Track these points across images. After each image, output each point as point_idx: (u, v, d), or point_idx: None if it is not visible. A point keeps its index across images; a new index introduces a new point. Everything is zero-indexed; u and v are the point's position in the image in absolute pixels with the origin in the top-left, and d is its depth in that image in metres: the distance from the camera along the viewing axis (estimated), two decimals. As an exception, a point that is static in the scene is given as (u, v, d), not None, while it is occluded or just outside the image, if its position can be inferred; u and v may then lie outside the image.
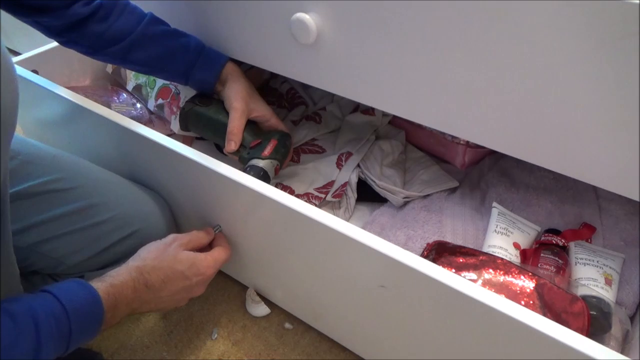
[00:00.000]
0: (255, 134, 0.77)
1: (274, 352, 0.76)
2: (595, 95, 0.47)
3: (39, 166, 0.69)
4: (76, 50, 0.72)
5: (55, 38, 0.70)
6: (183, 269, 0.61)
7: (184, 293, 0.63)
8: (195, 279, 0.62)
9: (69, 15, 0.66)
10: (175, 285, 0.60)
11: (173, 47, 0.72)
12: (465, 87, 0.54)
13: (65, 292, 0.49)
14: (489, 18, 0.49)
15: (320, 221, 0.55)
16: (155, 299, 0.59)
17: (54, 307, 0.47)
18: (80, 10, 0.66)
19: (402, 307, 0.57)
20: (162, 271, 0.59)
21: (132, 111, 0.95)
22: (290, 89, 1.00)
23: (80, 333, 0.49)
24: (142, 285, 0.57)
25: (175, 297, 0.61)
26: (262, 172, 0.73)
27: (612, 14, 0.42)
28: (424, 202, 0.79)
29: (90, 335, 0.51)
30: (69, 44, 0.71)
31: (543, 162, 0.54)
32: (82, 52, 0.72)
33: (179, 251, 0.63)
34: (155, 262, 0.60)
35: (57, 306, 0.47)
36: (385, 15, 0.56)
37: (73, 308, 0.48)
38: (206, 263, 0.64)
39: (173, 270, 0.60)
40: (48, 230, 0.67)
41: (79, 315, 0.49)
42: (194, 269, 0.62)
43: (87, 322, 0.50)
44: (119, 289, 0.54)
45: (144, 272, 0.58)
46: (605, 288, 0.63)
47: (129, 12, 0.70)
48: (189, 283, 0.62)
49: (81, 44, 0.70)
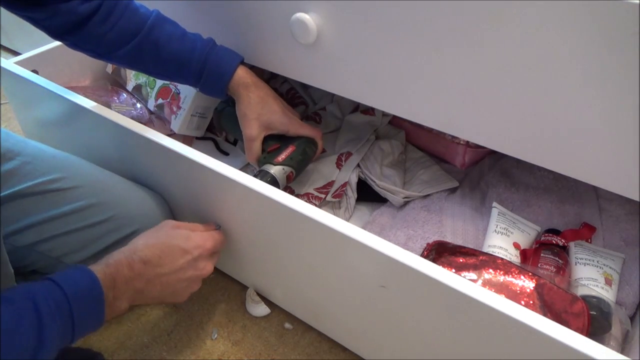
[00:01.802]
0: (276, 138, 0.76)
1: (274, 352, 0.76)
2: (595, 95, 0.47)
3: (39, 166, 0.69)
4: (84, 53, 0.71)
5: (59, 39, 0.69)
6: (179, 242, 0.59)
7: (191, 270, 0.60)
8: (195, 251, 0.60)
9: (64, 12, 0.64)
10: (175, 260, 0.58)
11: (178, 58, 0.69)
12: (465, 87, 0.54)
13: (61, 275, 0.48)
14: (489, 18, 0.49)
15: (320, 221, 0.55)
16: (158, 277, 0.57)
17: (52, 289, 0.47)
18: (78, 9, 0.64)
19: (402, 307, 0.57)
20: (156, 246, 0.58)
21: (132, 111, 0.95)
22: (290, 89, 1.00)
23: (83, 315, 0.48)
24: (138, 263, 0.55)
25: (181, 275, 0.59)
26: (270, 178, 0.72)
27: (612, 14, 0.42)
28: (424, 202, 0.79)
29: (96, 317, 0.50)
30: (74, 46, 0.69)
31: (543, 162, 0.54)
32: (90, 55, 0.71)
33: (171, 229, 0.61)
34: (148, 240, 0.59)
35: (55, 288, 0.47)
36: (385, 15, 0.56)
37: (71, 288, 0.47)
38: (203, 236, 0.62)
39: (168, 245, 0.58)
40: (47, 229, 0.67)
41: (78, 295, 0.48)
42: (191, 241, 0.60)
43: (87, 302, 0.49)
44: (114, 267, 0.53)
45: (137, 250, 0.56)
46: (605, 288, 0.63)
47: (132, 12, 0.67)
48: (190, 257, 0.59)
49: (85, 47, 0.69)
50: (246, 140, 0.74)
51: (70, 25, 0.66)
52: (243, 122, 0.73)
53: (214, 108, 0.90)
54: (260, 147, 0.74)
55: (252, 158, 0.75)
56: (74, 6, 0.64)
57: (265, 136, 0.74)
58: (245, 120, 0.73)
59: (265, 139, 0.75)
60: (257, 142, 0.74)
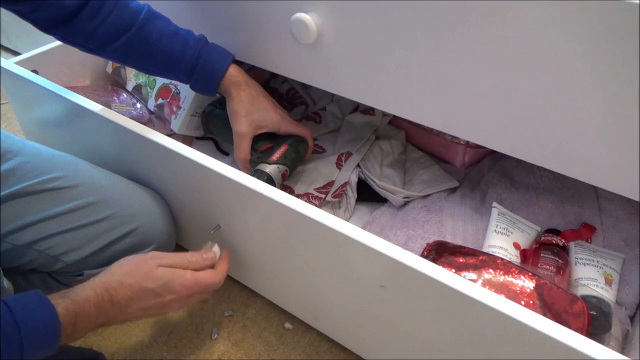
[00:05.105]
0: (267, 137, 0.77)
1: (274, 352, 0.76)
2: (595, 95, 0.47)
3: (38, 165, 0.70)
4: (75, 47, 0.70)
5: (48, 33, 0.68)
6: (154, 286, 0.57)
7: (157, 309, 0.59)
8: (168, 296, 0.58)
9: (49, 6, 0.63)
10: (144, 302, 0.57)
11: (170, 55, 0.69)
12: (465, 87, 0.54)
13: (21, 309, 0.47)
14: (489, 18, 0.49)
15: (320, 221, 0.55)
16: (123, 314, 0.56)
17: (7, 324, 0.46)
18: (64, 3, 0.63)
19: (402, 307, 0.57)
20: (130, 288, 0.56)
21: (132, 111, 0.95)
22: (290, 89, 1.00)
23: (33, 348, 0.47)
24: (106, 302, 0.54)
25: (147, 312, 0.58)
26: (267, 178, 0.73)
27: (612, 14, 0.42)
28: (424, 202, 0.79)
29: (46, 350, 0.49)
30: (64, 40, 0.69)
31: (543, 162, 0.54)
32: (81, 49, 0.70)
33: (154, 268, 0.58)
34: (124, 278, 0.56)
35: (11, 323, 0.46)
36: (385, 15, 0.56)
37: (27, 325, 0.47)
38: (182, 281, 0.59)
39: (141, 288, 0.57)
40: (46, 228, 0.67)
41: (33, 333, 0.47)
42: (167, 287, 0.58)
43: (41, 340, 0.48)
44: (80, 305, 0.52)
45: (110, 288, 0.55)
46: (605, 288, 0.63)
47: (122, 8, 0.66)
48: (160, 300, 0.58)
49: (75, 41, 0.68)
50: (236, 137, 0.74)
51: (57, 19, 0.65)
52: (233, 119, 0.73)
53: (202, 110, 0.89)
54: (249, 145, 0.74)
55: (241, 155, 0.74)
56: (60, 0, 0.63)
57: (255, 136, 0.75)
58: (235, 117, 0.73)
59: (256, 139, 0.75)
60: (247, 140, 0.73)
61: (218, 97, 0.82)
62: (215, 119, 0.84)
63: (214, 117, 0.85)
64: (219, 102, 0.85)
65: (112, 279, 0.56)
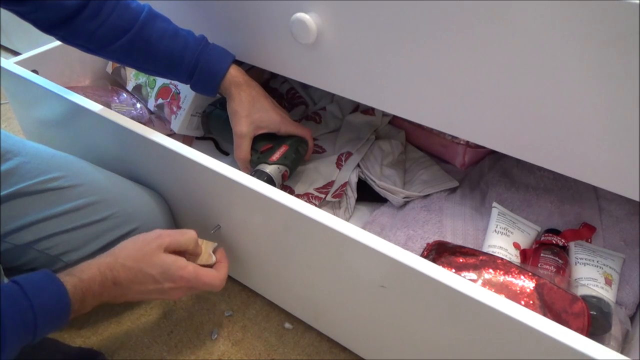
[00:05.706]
0: (267, 138, 0.77)
1: (274, 352, 0.76)
2: (595, 95, 0.47)
3: (38, 165, 0.70)
4: (75, 47, 0.70)
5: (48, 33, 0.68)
6: (154, 273, 0.58)
7: (157, 294, 0.61)
8: (166, 284, 0.60)
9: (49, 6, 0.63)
10: (144, 285, 0.59)
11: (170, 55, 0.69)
12: (465, 87, 0.54)
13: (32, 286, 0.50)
14: (489, 18, 0.49)
15: (320, 221, 0.55)
16: (124, 294, 0.58)
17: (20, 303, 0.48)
18: (64, 3, 0.63)
19: (402, 307, 0.57)
20: (132, 271, 0.58)
21: (132, 111, 0.95)
22: (290, 89, 1.00)
23: (46, 325, 0.50)
24: (109, 282, 0.56)
25: (147, 295, 0.60)
26: (267, 178, 0.73)
27: (612, 14, 0.42)
28: (424, 202, 0.79)
29: (57, 326, 0.52)
30: (64, 40, 0.69)
31: (543, 162, 0.54)
32: (81, 49, 0.70)
33: (156, 253, 0.59)
34: (127, 261, 0.58)
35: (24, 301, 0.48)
36: (386, 15, 0.56)
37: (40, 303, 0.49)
38: (182, 273, 0.60)
39: (143, 273, 0.58)
40: (46, 227, 0.67)
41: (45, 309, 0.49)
42: (166, 275, 0.59)
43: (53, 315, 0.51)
44: (87, 283, 0.54)
45: (113, 269, 0.57)
46: (605, 288, 0.63)
47: (123, 8, 0.66)
48: (159, 287, 0.59)
49: (75, 41, 0.68)
50: (236, 137, 0.74)
51: (58, 19, 0.65)
52: (234, 120, 0.73)
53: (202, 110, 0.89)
54: (249, 145, 0.74)
55: (241, 155, 0.74)
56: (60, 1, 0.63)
57: (255, 137, 0.75)
58: (236, 118, 0.73)
59: (256, 139, 0.75)
60: (247, 140, 0.74)
61: (218, 97, 0.82)
62: (215, 119, 0.85)
63: (214, 117, 0.85)
64: (219, 102, 0.86)
65: (116, 261, 0.58)
